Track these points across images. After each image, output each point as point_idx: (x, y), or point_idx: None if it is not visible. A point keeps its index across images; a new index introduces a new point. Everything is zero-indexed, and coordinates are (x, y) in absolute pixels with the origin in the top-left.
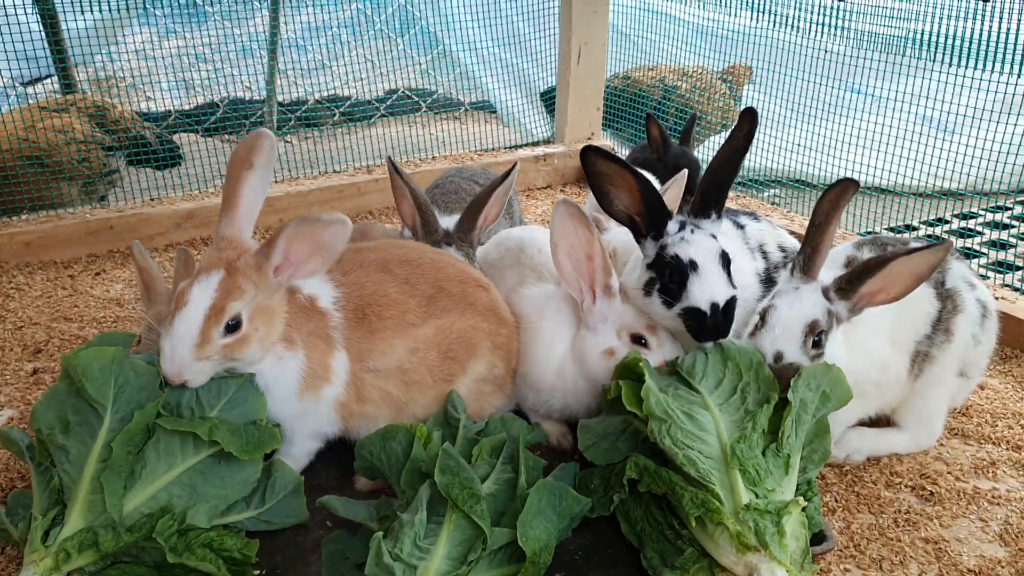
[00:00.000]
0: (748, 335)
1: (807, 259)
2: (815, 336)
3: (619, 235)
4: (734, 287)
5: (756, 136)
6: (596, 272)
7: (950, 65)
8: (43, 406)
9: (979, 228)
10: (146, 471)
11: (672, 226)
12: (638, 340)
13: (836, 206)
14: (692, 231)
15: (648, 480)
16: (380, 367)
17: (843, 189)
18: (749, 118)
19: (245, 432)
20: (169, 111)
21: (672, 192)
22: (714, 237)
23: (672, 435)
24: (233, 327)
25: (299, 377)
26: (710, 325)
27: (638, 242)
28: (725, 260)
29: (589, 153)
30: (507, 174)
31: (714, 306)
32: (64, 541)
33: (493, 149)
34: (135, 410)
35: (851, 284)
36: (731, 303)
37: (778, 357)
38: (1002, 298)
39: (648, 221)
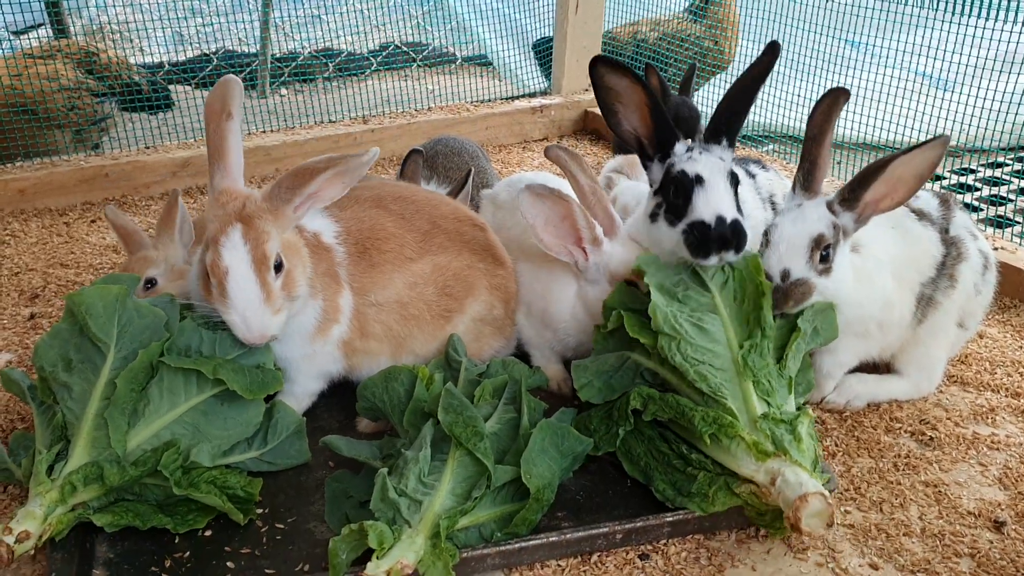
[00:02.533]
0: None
1: (806, 174)
2: (821, 251)
3: (630, 189)
4: (740, 212)
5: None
6: (580, 228)
7: (953, 14)
8: (45, 344)
9: (977, 184)
10: (149, 409)
11: (680, 147)
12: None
13: (829, 117)
14: (700, 152)
15: (654, 408)
16: (381, 300)
17: (834, 99)
18: (771, 50)
19: (249, 373)
20: (162, 63)
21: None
22: (723, 160)
23: (682, 351)
24: (278, 267)
25: (316, 321)
26: (714, 236)
27: (645, 167)
28: (734, 179)
29: (598, 65)
30: (464, 180)
31: (720, 219)
32: (69, 474)
33: (490, 100)
34: (138, 349)
35: (854, 192)
36: (739, 222)
37: (784, 275)
38: (1001, 248)
39: (655, 141)
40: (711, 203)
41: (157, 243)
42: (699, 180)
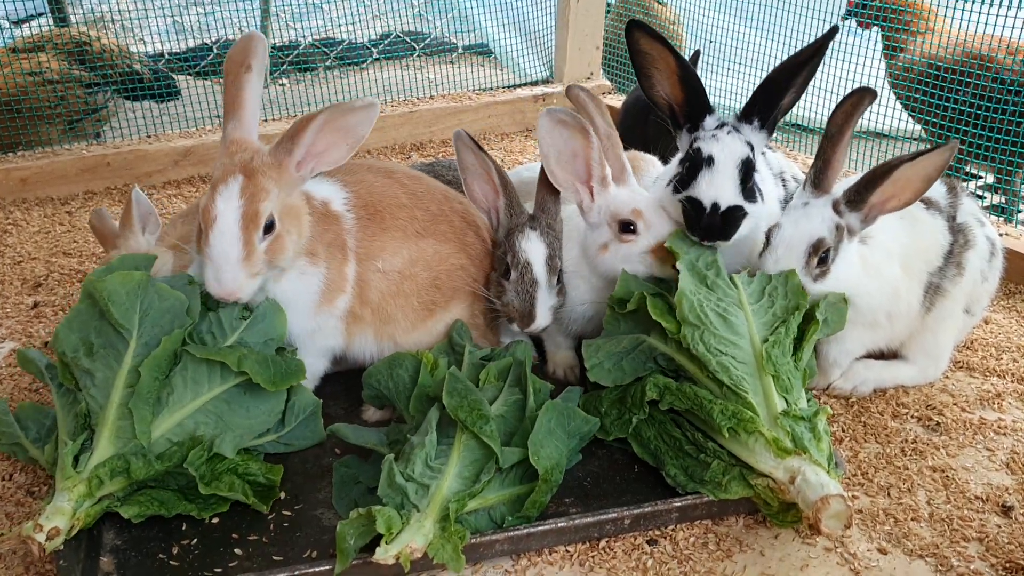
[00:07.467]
0: (757, 256)
1: (818, 172)
2: (820, 254)
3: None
4: (749, 200)
5: (746, 77)
6: (592, 165)
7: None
8: (66, 328)
9: (978, 172)
10: (173, 398)
11: (710, 121)
12: (626, 227)
13: (850, 117)
14: (728, 132)
15: (670, 398)
16: (387, 268)
17: (858, 99)
18: (829, 34)
19: (273, 363)
20: (162, 53)
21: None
22: (750, 146)
23: (705, 341)
24: (268, 228)
25: (319, 291)
26: (704, 222)
27: (675, 136)
28: (746, 168)
29: (633, 29)
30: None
31: (715, 205)
32: (96, 468)
33: (491, 88)
34: (160, 335)
35: (860, 195)
36: (735, 211)
37: None
38: (1006, 234)
39: (686, 110)
40: (713, 186)
41: (117, 242)
42: (709, 161)
